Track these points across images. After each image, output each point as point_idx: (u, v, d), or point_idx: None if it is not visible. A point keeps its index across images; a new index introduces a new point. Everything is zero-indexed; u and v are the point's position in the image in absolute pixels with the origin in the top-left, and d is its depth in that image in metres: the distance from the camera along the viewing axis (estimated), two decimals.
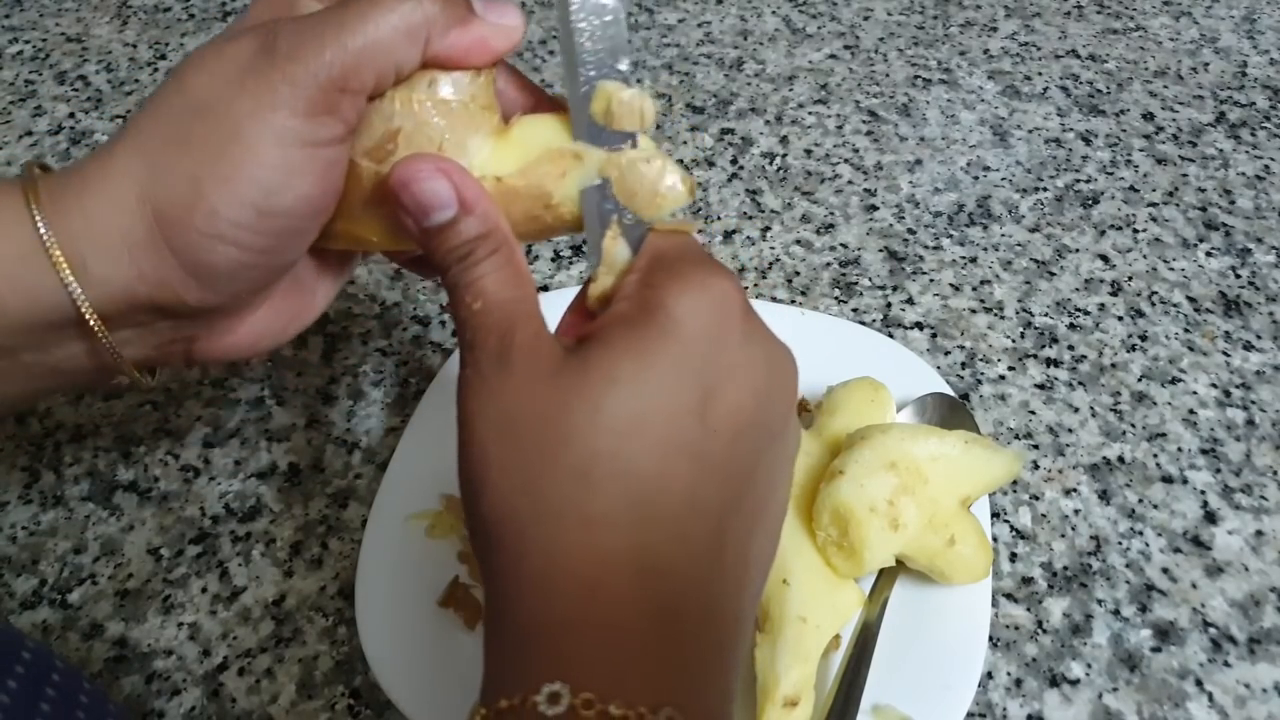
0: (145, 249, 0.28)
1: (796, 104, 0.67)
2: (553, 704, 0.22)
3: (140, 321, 0.30)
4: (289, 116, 0.27)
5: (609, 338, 0.26)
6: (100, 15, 0.76)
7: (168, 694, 0.39)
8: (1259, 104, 0.67)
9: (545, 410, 0.25)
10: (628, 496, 0.24)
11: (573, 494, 0.24)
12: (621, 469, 0.24)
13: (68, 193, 0.28)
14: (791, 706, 0.35)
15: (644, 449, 0.25)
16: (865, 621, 0.38)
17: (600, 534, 0.24)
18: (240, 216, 0.28)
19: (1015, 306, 0.54)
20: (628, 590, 0.24)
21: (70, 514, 0.45)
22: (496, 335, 0.26)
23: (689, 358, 0.25)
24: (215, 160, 0.27)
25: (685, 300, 0.26)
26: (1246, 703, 0.39)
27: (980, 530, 0.39)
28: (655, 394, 0.25)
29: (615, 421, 0.24)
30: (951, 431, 0.40)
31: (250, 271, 0.30)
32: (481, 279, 0.27)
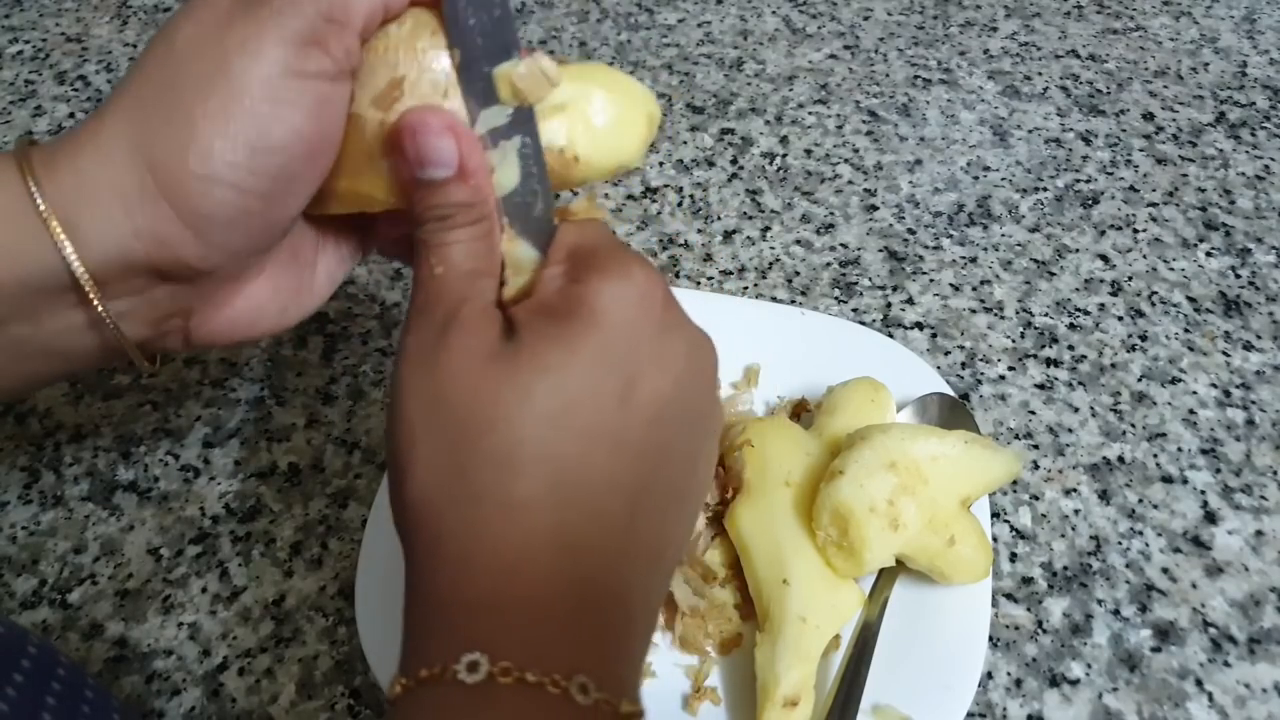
0: (140, 201, 0.27)
1: (796, 104, 0.67)
2: (471, 672, 0.23)
3: (137, 288, 0.29)
4: (275, 46, 0.27)
5: (537, 327, 0.26)
6: (100, 15, 0.76)
7: (168, 694, 0.39)
8: (1259, 104, 0.67)
9: (474, 396, 0.25)
10: (549, 480, 0.25)
11: (495, 478, 0.25)
12: (545, 453, 0.25)
13: (60, 155, 0.28)
14: (791, 706, 0.35)
15: (567, 435, 0.26)
16: (865, 621, 0.38)
17: (521, 516, 0.25)
18: (235, 155, 0.27)
19: (1015, 306, 0.54)
20: (546, 568, 0.25)
21: (70, 514, 0.45)
22: (445, 306, 0.27)
23: (612, 347, 0.26)
24: (205, 98, 0.27)
25: (607, 291, 0.27)
26: (1246, 703, 0.39)
27: (980, 530, 0.39)
28: (580, 383, 0.26)
29: (541, 409, 0.25)
30: (951, 431, 0.40)
31: (248, 220, 0.29)
32: (451, 245, 0.28)
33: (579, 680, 0.23)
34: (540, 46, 0.72)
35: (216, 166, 0.27)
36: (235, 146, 0.27)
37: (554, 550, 0.25)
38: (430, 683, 0.23)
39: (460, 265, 0.28)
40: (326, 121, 0.29)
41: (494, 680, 0.23)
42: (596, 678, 0.24)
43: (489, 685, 0.23)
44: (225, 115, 0.27)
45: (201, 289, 0.31)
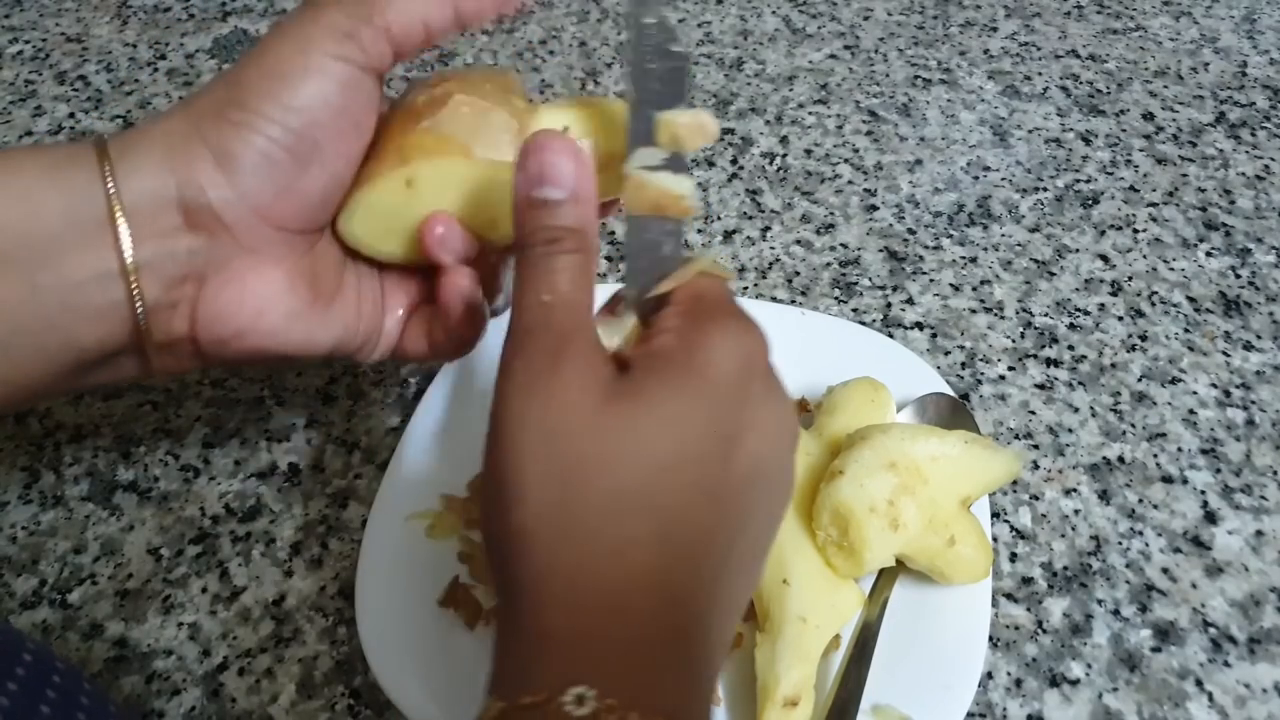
0: (182, 144, 0.31)
1: (796, 104, 0.67)
2: (579, 705, 0.23)
3: (162, 230, 0.31)
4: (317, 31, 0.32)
5: (657, 370, 0.27)
6: (100, 15, 0.76)
7: (168, 694, 0.39)
8: (1259, 104, 0.67)
9: (593, 430, 0.26)
10: (658, 527, 0.26)
11: (607, 518, 0.25)
12: (656, 501, 0.26)
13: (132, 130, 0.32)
14: (791, 706, 0.35)
15: (676, 485, 0.26)
16: (865, 621, 0.38)
17: (630, 559, 0.25)
18: (265, 105, 0.31)
19: (1015, 306, 0.54)
20: (649, 611, 0.25)
21: (70, 514, 0.45)
22: (557, 334, 0.27)
23: (723, 403, 0.27)
24: (250, 68, 0.32)
25: (724, 347, 0.27)
26: (1246, 703, 0.39)
27: (980, 530, 0.39)
28: (693, 436, 0.26)
29: (659, 456, 0.26)
30: (951, 431, 0.40)
31: (271, 170, 0.32)
32: (558, 272, 0.28)
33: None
34: (540, 46, 0.72)
35: (248, 115, 0.31)
36: (265, 99, 0.31)
37: (657, 596, 0.25)
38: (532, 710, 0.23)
39: (568, 294, 0.28)
40: (352, 102, 0.32)
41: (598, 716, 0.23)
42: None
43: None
44: (262, 78, 0.31)
45: (219, 254, 0.32)
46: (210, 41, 0.73)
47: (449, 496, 0.43)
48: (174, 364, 0.34)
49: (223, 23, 0.75)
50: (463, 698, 0.37)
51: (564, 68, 0.70)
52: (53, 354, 0.31)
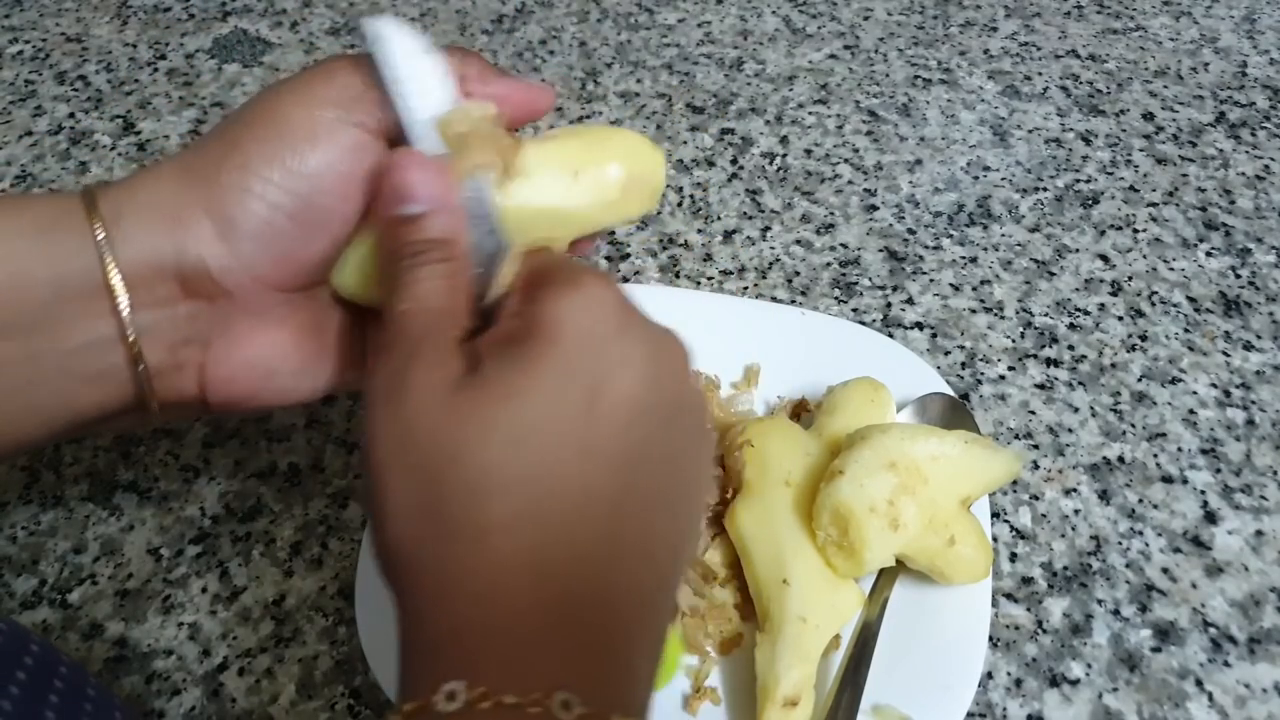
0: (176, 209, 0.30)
1: (796, 104, 0.67)
2: (450, 701, 0.23)
3: (162, 298, 0.30)
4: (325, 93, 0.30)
5: (497, 353, 0.27)
6: (100, 15, 0.76)
7: (168, 694, 0.39)
8: (1259, 104, 0.67)
9: (438, 428, 0.26)
10: (519, 502, 0.25)
11: (465, 508, 0.25)
12: (512, 476, 0.25)
13: (122, 181, 0.31)
14: (791, 706, 0.35)
15: (535, 455, 0.25)
16: (865, 621, 0.38)
17: (493, 542, 0.25)
18: (269, 170, 0.30)
19: (1015, 306, 0.54)
20: (521, 590, 0.25)
21: (70, 514, 0.45)
22: (406, 343, 0.27)
23: (571, 359, 0.26)
24: (253, 128, 0.30)
25: (560, 307, 0.27)
26: (1246, 703, 0.39)
27: (980, 530, 0.39)
28: (543, 401, 0.26)
29: (505, 434, 0.25)
30: (951, 431, 0.40)
31: (272, 237, 0.30)
32: (418, 283, 0.28)
33: (561, 697, 0.23)
34: (540, 46, 0.72)
35: (250, 179, 0.30)
36: (270, 164, 0.30)
37: (529, 571, 0.25)
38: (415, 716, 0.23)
39: (425, 302, 0.28)
40: (359, 166, 0.31)
41: (472, 708, 0.23)
42: (583, 692, 0.23)
43: (468, 713, 0.23)
44: (266, 139, 0.30)
45: (222, 317, 0.31)
46: (210, 41, 0.73)
47: None
48: (178, 417, 0.34)
49: (223, 23, 0.75)
50: None
51: (564, 68, 0.70)
52: (49, 415, 0.31)
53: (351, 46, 0.72)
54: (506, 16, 0.76)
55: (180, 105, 0.67)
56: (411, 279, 0.28)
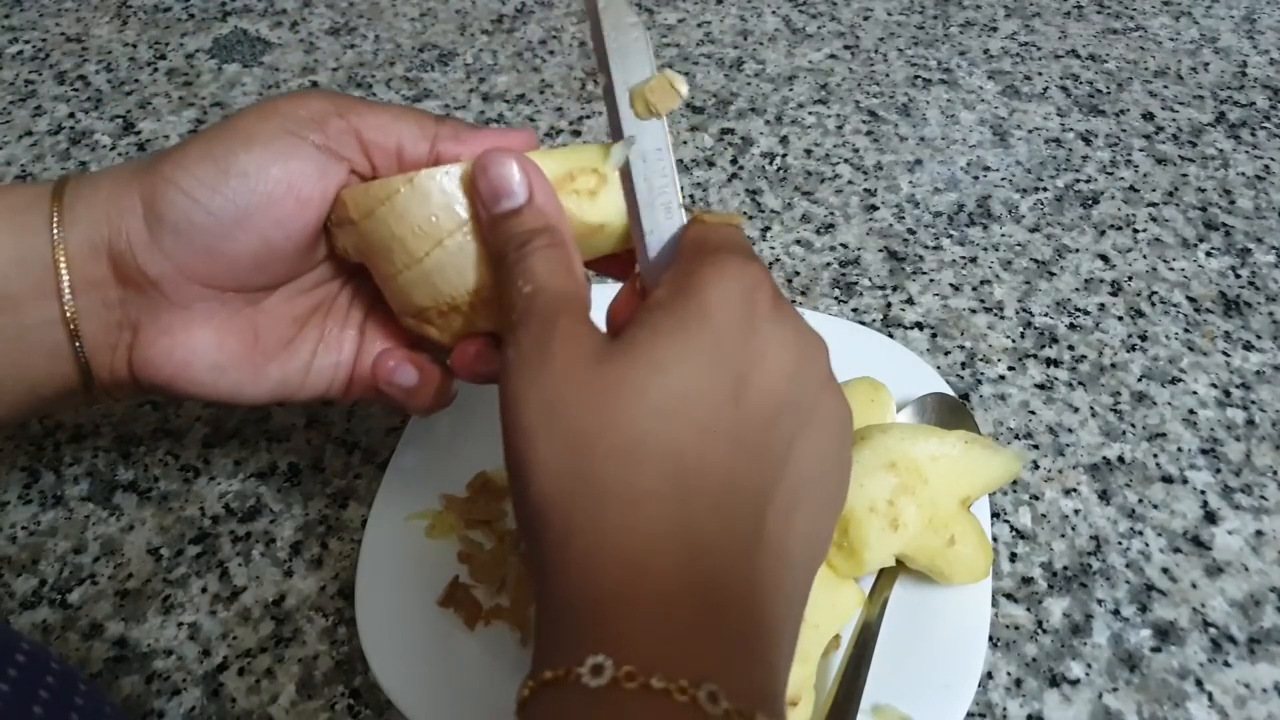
0: (119, 196, 0.32)
1: (796, 104, 0.67)
2: (596, 675, 0.22)
3: (98, 281, 0.32)
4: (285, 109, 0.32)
5: (650, 321, 0.27)
6: (100, 15, 0.76)
7: (168, 694, 0.39)
8: (1259, 104, 0.67)
9: (588, 393, 0.26)
10: (671, 475, 0.25)
11: (618, 474, 0.25)
12: (665, 449, 0.25)
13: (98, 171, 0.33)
14: (791, 706, 0.35)
15: (684, 429, 0.25)
16: (865, 621, 0.38)
17: (645, 511, 0.25)
18: (204, 171, 0.31)
19: (1015, 306, 0.54)
20: (672, 566, 0.24)
21: (70, 514, 0.45)
22: (540, 319, 0.27)
23: (721, 342, 0.26)
24: (209, 135, 0.32)
25: (717, 287, 0.27)
26: (1246, 703, 0.39)
27: (980, 530, 0.39)
28: (694, 377, 0.26)
29: (658, 403, 0.25)
30: (951, 431, 0.40)
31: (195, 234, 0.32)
32: (534, 265, 0.29)
33: (708, 688, 0.22)
34: (540, 46, 0.72)
35: (180, 173, 0.31)
36: (204, 160, 0.31)
37: (679, 545, 0.24)
38: (554, 685, 0.23)
39: (547, 281, 0.28)
40: (298, 175, 0.32)
41: (618, 685, 0.22)
42: (728, 686, 0.22)
43: (613, 690, 0.22)
44: (211, 139, 0.32)
45: (150, 304, 0.33)
46: (210, 41, 0.73)
47: (449, 496, 0.43)
48: (120, 399, 0.35)
49: (223, 23, 0.75)
50: (462, 698, 0.37)
51: (564, 68, 0.70)
52: (12, 392, 0.33)
53: (351, 47, 0.73)
54: (506, 16, 0.76)
55: (180, 105, 0.67)
56: (527, 265, 0.29)
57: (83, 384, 0.33)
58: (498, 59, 0.71)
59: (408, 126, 0.33)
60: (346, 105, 0.33)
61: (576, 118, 0.66)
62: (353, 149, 0.33)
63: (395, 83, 0.69)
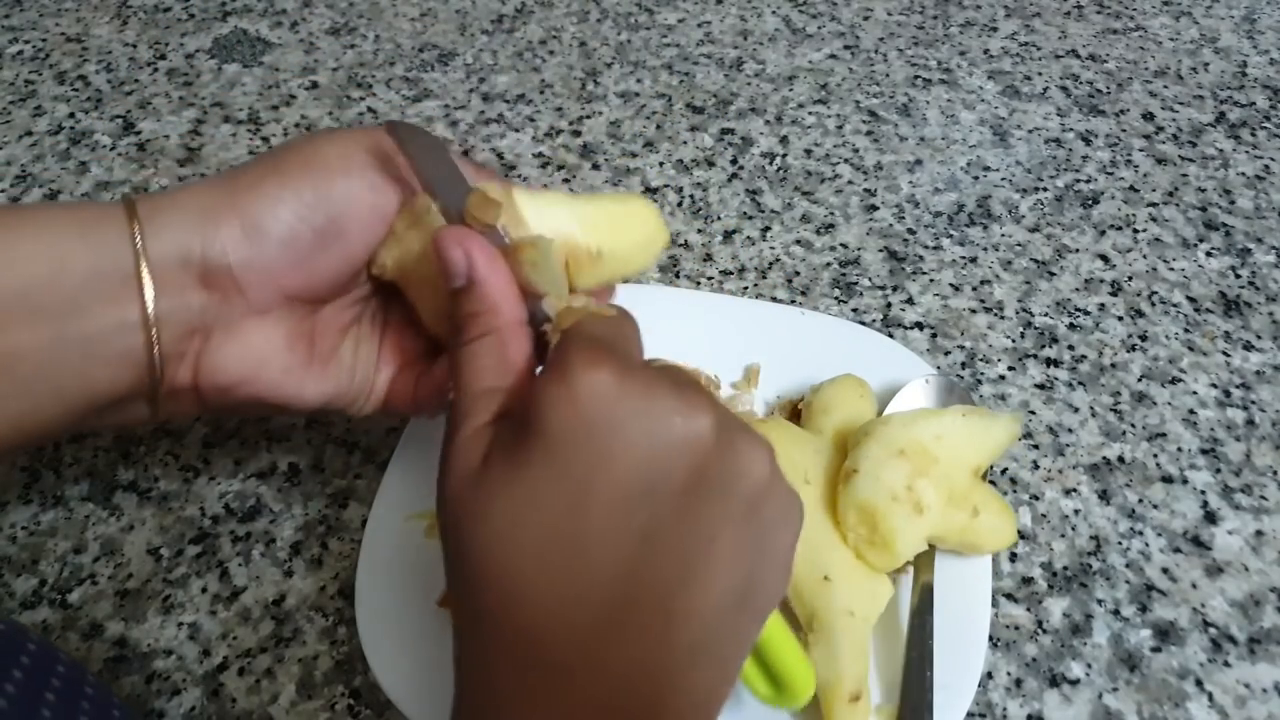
0: (212, 211, 0.33)
1: (796, 104, 0.67)
2: None
3: (181, 286, 0.33)
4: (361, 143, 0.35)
5: (499, 441, 0.28)
6: (100, 15, 0.76)
7: (168, 694, 0.39)
8: (1259, 104, 0.67)
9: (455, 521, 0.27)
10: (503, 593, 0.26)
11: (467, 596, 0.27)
12: (500, 570, 0.26)
13: (165, 192, 0.34)
14: (854, 702, 0.35)
15: (517, 549, 0.26)
16: (915, 610, 0.38)
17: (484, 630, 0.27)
18: (300, 192, 0.34)
19: (1015, 306, 0.54)
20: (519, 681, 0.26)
21: (70, 514, 0.45)
22: (452, 426, 0.29)
23: (555, 455, 0.26)
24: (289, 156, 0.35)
25: (545, 399, 0.26)
26: (1246, 703, 0.39)
27: (999, 496, 0.40)
28: (526, 495, 0.26)
29: (495, 526, 0.26)
30: (947, 408, 0.40)
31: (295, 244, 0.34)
32: (467, 364, 0.30)
33: None
34: (540, 46, 0.72)
35: (285, 192, 0.34)
36: (305, 183, 0.34)
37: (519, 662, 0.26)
38: None
39: (468, 386, 0.30)
40: (382, 202, 0.35)
41: None
42: None
43: None
44: (305, 166, 0.34)
45: (228, 309, 0.34)
46: (210, 41, 0.73)
47: None
48: (177, 409, 0.35)
49: (223, 23, 0.75)
50: None
51: (564, 68, 0.70)
52: (69, 397, 0.33)
53: (351, 47, 0.73)
54: (506, 16, 0.76)
55: (180, 105, 0.67)
56: (456, 363, 0.30)
57: (149, 391, 0.34)
58: (498, 59, 0.71)
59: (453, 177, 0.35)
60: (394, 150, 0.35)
61: (576, 118, 0.66)
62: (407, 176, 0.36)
63: (395, 83, 0.69)
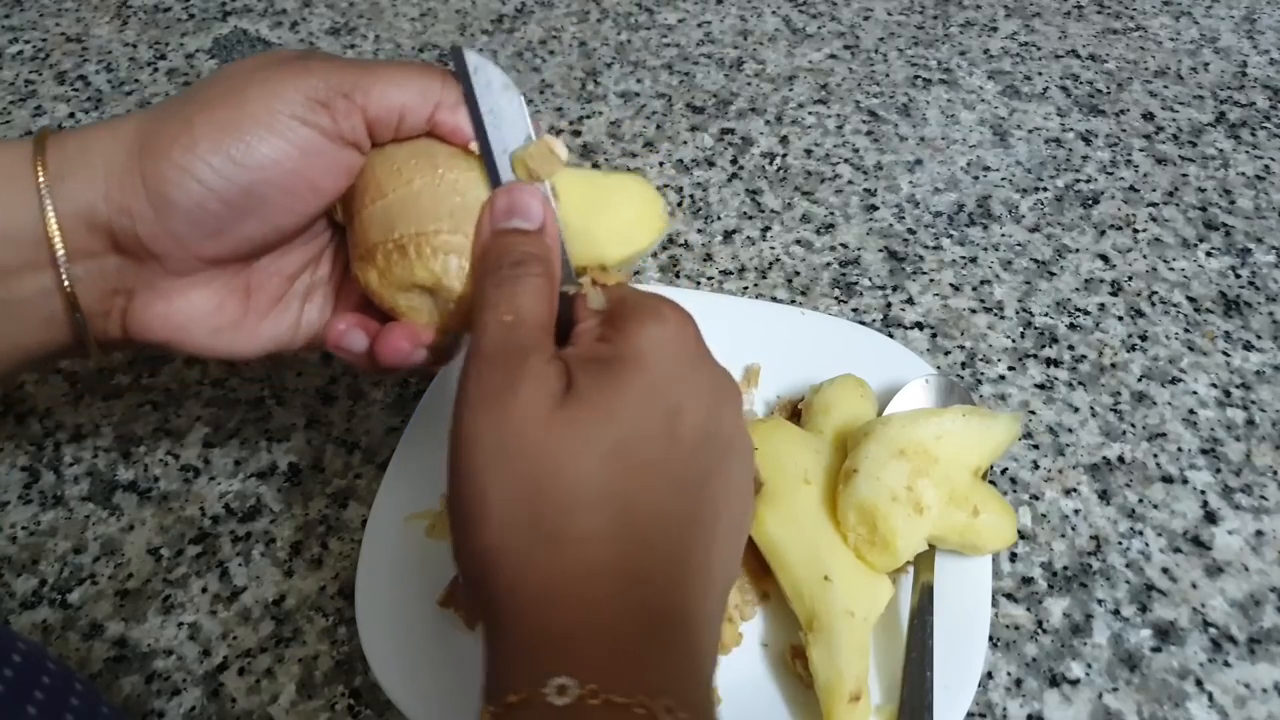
0: (119, 173, 0.31)
1: (796, 104, 0.67)
2: (560, 695, 0.24)
3: (94, 250, 0.32)
4: (290, 91, 0.31)
5: (595, 372, 0.28)
6: (100, 15, 0.76)
7: (168, 694, 0.39)
8: (1259, 104, 0.67)
9: (543, 445, 0.27)
10: (614, 514, 0.27)
11: (567, 518, 0.27)
12: (608, 490, 0.27)
13: (79, 132, 0.32)
14: (855, 701, 0.35)
15: (626, 471, 0.27)
16: (915, 610, 0.38)
17: (591, 550, 0.27)
18: (213, 157, 0.31)
19: (1015, 306, 0.54)
20: (619, 598, 0.26)
21: (70, 514, 0.45)
22: (515, 355, 0.29)
23: (657, 385, 0.29)
24: (212, 109, 0.31)
25: (646, 334, 0.29)
26: (1246, 703, 0.39)
27: (999, 496, 0.40)
28: (634, 422, 0.28)
29: (602, 450, 0.27)
30: (947, 408, 0.40)
31: (204, 217, 0.32)
32: (522, 293, 0.30)
33: (664, 702, 0.24)
34: (540, 46, 0.72)
35: (193, 161, 0.31)
36: (216, 150, 0.31)
37: (624, 580, 0.26)
38: (519, 707, 0.24)
39: (530, 313, 0.30)
40: (311, 165, 0.32)
41: (583, 702, 0.24)
42: (678, 699, 0.25)
43: (578, 707, 0.24)
44: (220, 125, 0.31)
45: (147, 273, 0.33)
46: (210, 41, 0.73)
47: None
48: (115, 356, 0.36)
49: (223, 23, 0.75)
50: (463, 698, 0.37)
51: (564, 68, 0.70)
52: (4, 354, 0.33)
53: (351, 47, 0.72)
54: (506, 16, 0.76)
55: None
56: (513, 289, 0.30)
57: (77, 347, 0.34)
58: (498, 59, 0.71)
59: (410, 96, 0.33)
60: (350, 80, 0.32)
61: (577, 118, 0.66)
62: (359, 130, 0.33)
63: None
